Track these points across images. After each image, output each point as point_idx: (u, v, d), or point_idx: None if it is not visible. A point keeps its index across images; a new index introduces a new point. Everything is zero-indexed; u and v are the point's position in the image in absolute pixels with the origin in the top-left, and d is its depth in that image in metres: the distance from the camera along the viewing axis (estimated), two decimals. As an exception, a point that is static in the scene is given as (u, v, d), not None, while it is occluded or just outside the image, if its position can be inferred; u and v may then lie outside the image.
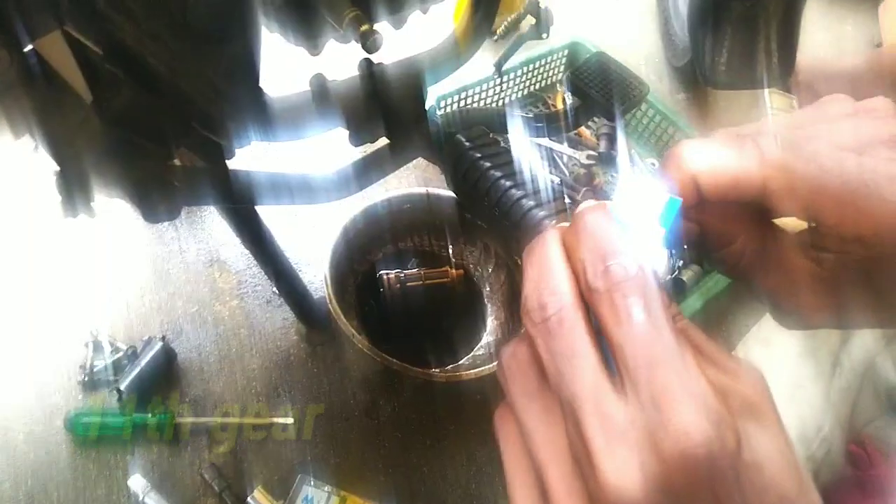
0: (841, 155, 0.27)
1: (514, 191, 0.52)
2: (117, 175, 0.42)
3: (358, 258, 0.93)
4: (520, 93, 1.20)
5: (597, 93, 0.64)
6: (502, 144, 0.63)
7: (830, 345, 0.68)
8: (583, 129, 1.18)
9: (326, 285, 0.81)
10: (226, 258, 0.94)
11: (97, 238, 0.92)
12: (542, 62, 1.20)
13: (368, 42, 0.50)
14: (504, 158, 0.56)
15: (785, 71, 1.02)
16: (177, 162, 0.47)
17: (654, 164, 1.19)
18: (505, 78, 1.15)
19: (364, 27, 0.49)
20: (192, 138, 0.48)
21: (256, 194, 0.54)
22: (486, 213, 0.56)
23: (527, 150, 1.00)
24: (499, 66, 0.97)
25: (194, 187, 0.48)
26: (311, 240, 0.98)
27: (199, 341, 0.86)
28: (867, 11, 1.61)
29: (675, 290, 1.00)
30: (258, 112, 0.49)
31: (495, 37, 1.21)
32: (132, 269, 0.91)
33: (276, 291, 0.91)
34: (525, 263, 0.27)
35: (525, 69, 1.17)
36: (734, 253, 0.31)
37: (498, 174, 0.53)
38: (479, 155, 0.55)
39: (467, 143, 0.55)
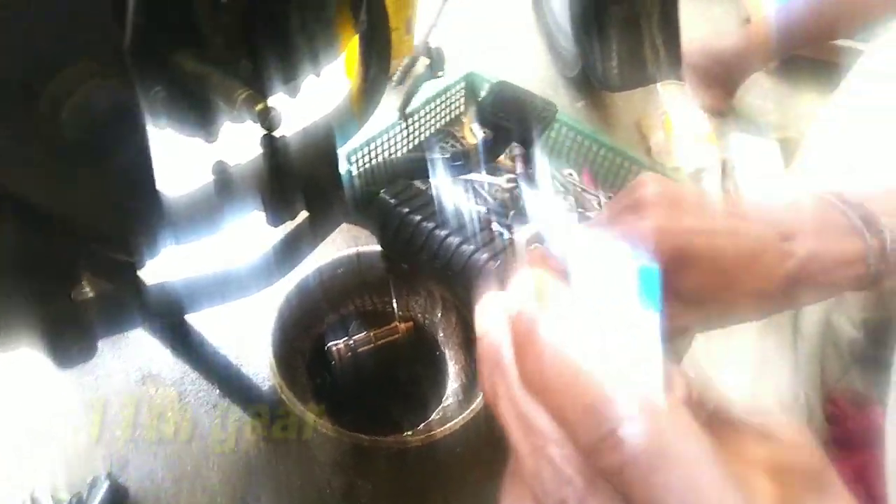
0: None
1: (450, 239, 0.50)
2: (17, 327, 0.37)
3: (301, 336, 0.88)
4: (427, 132, 1.19)
5: (508, 122, 0.63)
6: (428, 192, 0.61)
7: (786, 315, 0.69)
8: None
9: (274, 373, 0.76)
10: (159, 371, 0.87)
11: (10, 381, 0.83)
12: (443, 98, 1.20)
13: (267, 120, 0.47)
14: (432, 207, 0.54)
15: (673, 63, 1.05)
16: (86, 290, 0.42)
17: (571, 174, 1.20)
18: (410, 121, 1.14)
19: (259, 106, 0.46)
20: (95, 263, 0.43)
21: (178, 306, 0.49)
22: (426, 266, 0.53)
23: (452, 192, 0.99)
24: (403, 110, 0.95)
25: (108, 317, 0.44)
26: (248, 328, 0.92)
27: (149, 468, 0.78)
28: (729, -8, 1.72)
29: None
30: (161, 219, 0.45)
31: (393, 83, 1.20)
32: (58, 406, 0.83)
33: (222, 393, 0.85)
34: (486, 396, 0.23)
35: (428, 108, 1.17)
36: None
37: (430, 225, 0.51)
38: (406, 210, 0.52)
39: (392, 201, 0.53)
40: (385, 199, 0.53)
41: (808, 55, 1.47)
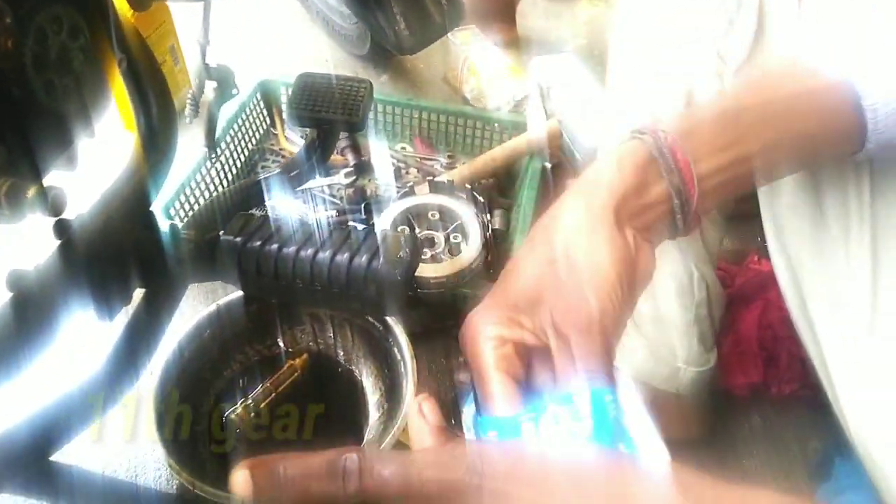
0: None
1: (320, 256, 0.44)
2: None
3: (194, 418, 0.78)
4: (242, 156, 1.10)
5: (328, 113, 0.58)
6: (269, 217, 0.55)
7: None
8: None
9: (177, 472, 0.66)
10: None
11: None
12: (244, 117, 1.11)
13: (49, 204, 0.39)
14: (284, 231, 0.48)
15: (457, 9, 1.04)
16: None
17: (404, 148, 1.17)
18: (219, 151, 1.04)
19: (30, 192, 0.38)
20: None
21: (28, 457, 0.40)
22: (305, 294, 0.47)
23: (295, 206, 0.91)
24: (209, 142, 0.86)
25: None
26: (129, 434, 0.80)
27: None
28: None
29: (494, 240, 0.99)
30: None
31: (187, 119, 1.09)
32: None
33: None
34: None
35: (233, 132, 1.08)
36: None
37: (292, 250, 0.45)
38: (258, 243, 0.46)
39: (238, 239, 0.46)
40: (229, 240, 0.46)
41: None
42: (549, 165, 1.12)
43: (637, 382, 0.74)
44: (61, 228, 0.49)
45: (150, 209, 0.53)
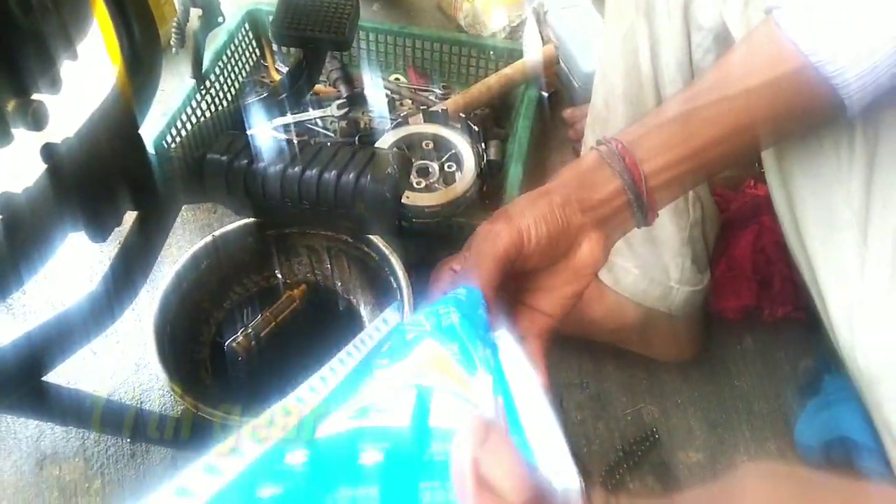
0: None
1: (326, 175, 0.44)
2: None
3: (195, 347, 0.80)
4: (232, 89, 1.08)
5: (313, 32, 0.56)
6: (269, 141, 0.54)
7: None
8: (317, 86, 1.10)
9: (180, 396, 0.68)
10: (53, 448, 0.76)
11: None
12: (232, 48, 1.08)
13: (30, 118, 0.38)
14: (273, 150, 0.47)
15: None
16: None
17: (398, 79, 1.15)
18: (209, 83, 1.02)
19: (11, 104, 0.37)
20: None
21: (28, 371, 0.40)
22: (310, 216, 0.47)
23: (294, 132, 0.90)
24: (197, 73, 0.84)
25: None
26: (132, 361, 0.82)
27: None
28: None
29: (489, 171, 0.98)
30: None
31: (174, 50, 1.06)
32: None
33: (133, 441, 0.76)
34: None
35: (221, 63, 1.05)
36: None
37: (297, 171, 0.45)
38: (245, 162, 0.45)
39: (224, 158, 0.46)
40: (216, 158, 0.46)
41: None
42: (545, 95, 1.10)
43: (631, 303, 0.75)
44: (49, 152, 0.49)
45: (138, 132, 0.52)
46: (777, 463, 0.40)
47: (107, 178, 0.48)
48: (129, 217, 0.53)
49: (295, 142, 0.47)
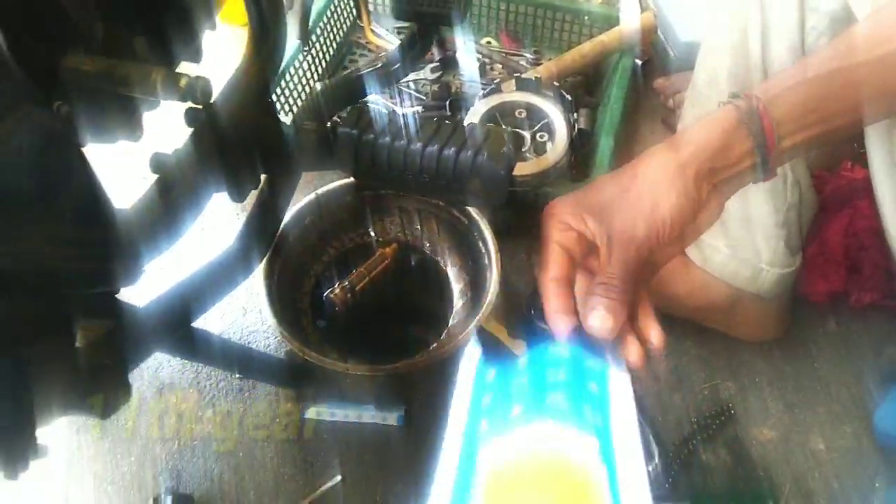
0: None
1: (428, 149, 0.47)
2: (52, 397, 0.35)
3: (297, 295, 0.86)
4: (331, 49, 1.12)
5: (430, 7, 0.59)
6: (374, 110, 0.58)
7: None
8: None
9: (287, 338, 0.74)
10: (171, 379, 0.85)
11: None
12: (332, 8, 1.12)
13: (197, 93, 0.43)
14: (394, 125, 0.51)
15: None
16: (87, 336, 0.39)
17: (489, 43, 1.16)
18: (310, 43, 1.06)
19: (182, 81, 0.42)
20: (83, 307, 0.40)
21: (183, 318, 0.46)
22: (412, 184, 0.51)
23: (396, 101, 0.94)
24: (303, 34, 0.89)
25: (121, 352, 0.41)
26: (241, 305, 0.90)
27: (203, 470, 0.78)
28: None
29: (580, 141, 0.99)
30: (130, 238, 0.42)
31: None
32: (85, 449, 0.80)
33: (242, 377, 0.83)
34: None
35: (321, 24, 1.09)
36: None
37: (403, 143, 0.48)
38: (371, 136, 0.49)
39: (354, 132, 0.50)
40: (346, 132, 0.50)
41: None
42: (639, 63, 1.09)
43: (718, 282, 0.76)
44: (192, 116, 0.54)
45: (269, 99, 0.57)
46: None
47: (244, 143, 0.52)
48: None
49: (417, 116, 0.50)
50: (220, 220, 0.90)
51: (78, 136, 0.42)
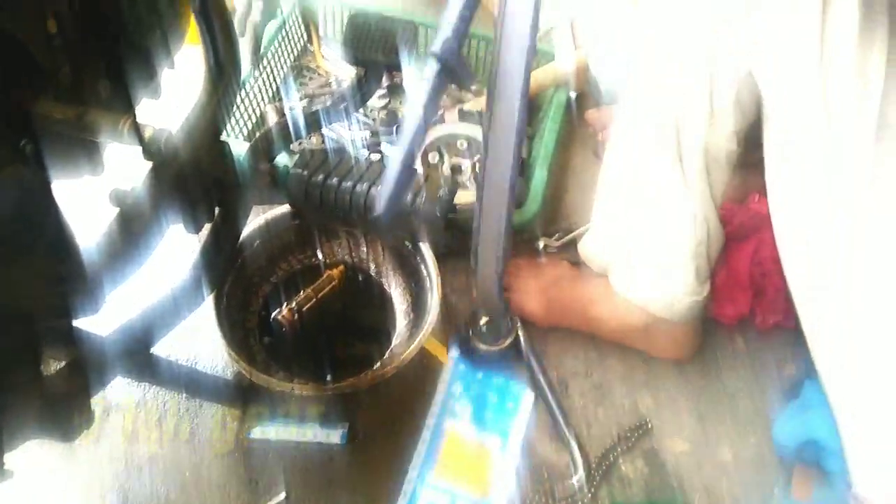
0: None
1: (358, 188, 0.52)
2: (17, 424, 0.37)
3: (245, 317, 0.89)
4: (282, 72, 1.15)
5: (377, 54, 0.64)
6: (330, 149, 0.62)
7: (669, 146, 0.77)
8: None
9: (234, 359, 0.77)
10: (117, 400, 0.86)
11: None
12: (283, 33, 1.15)
13: (161, 143, 0.46)
14: (331, 162, 0.56)
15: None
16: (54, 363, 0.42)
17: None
18: (262, 66, 1.09)
19: (148, 132, 0.45)
20: (49, 336, 0.42)
21: (143, 345, 0.49)
22: (344, 220, 0.56)
23: (340, 136, 0.98)
24: (255, 59, 0.92)
25: (86, 378, 0.44)
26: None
27: (148, 491, 0.80)
28: None
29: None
30: (94, 272, 0.45)
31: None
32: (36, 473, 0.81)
33: (188, 397, 0.86)
34: None
35: (274, 48, 1.12)
36: None
37: (334, 182, 0.53)
38: (321, 177, 0.54)
39: (305, 173, 0.54)
40: (298, 173, 0.54)
41: None
42: (573, 96, 1.17)
43: (638, 308, 0.84)
44: (150, 151, 0.57)
45: (223, 139, 0.61)
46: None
47: (201, 178, 0.56)
48: (212, 210, 0.62)
49: (362, 158, 0.55)
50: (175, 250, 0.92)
51: (46, 174, 0.45)
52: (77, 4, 0.49)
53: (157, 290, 0.55)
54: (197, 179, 0.56)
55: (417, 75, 1.18)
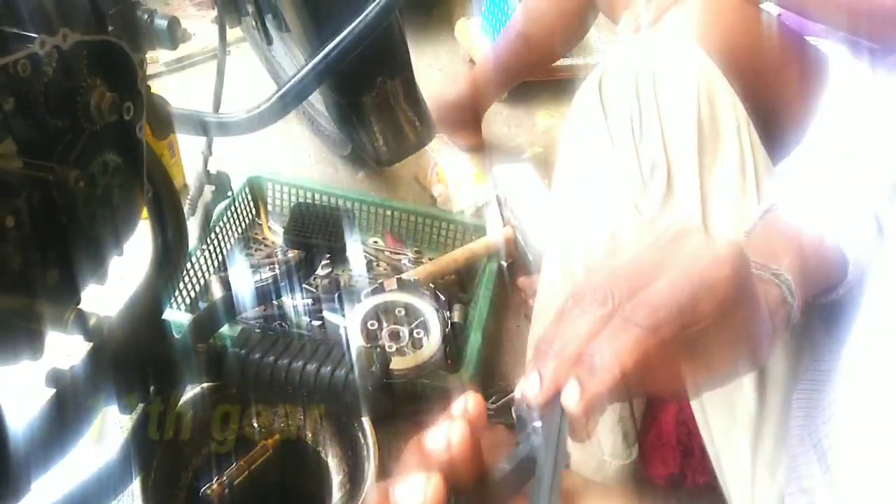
0: None
1: (308, 367, 0.56)
2: None
3: (168, 489, 0.86)
4: (228, 244, 1.21)
5: (317, 239, 0.70)
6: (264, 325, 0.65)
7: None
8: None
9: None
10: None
11: None
12: (233, 209, 1.23)
13: (103, 331, 0.49)
14: (280, 344, 0.59)
15: (427, 127, 1.20)
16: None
17: (376, 242, 1.30)
18: (208, 240, 1.15)
19: (92, 320, 0.48)
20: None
21: None
22: (291, 397, 0.58)
23: (285, 310, 1.02)
24: (203, 236, 0.98)
25: None
26: None
27: None
28: (448, 38, 1.95)
29: (453, 334, 1.11)
30: (18, 461, 0.45)
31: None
32: None
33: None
34: None
35: (223, 221, 1.19)
36: None
37: (285, 362, 0.56)
38: (258, 355, 0.57)
39: (243, 352, 0.57)
40: (236, 352, 0.57)
41: (535, 79, 1.67)
42: (504, 264, 1.26)
43: (569, 471, 0.86)
44: (91, 334, 0.60)
45: (164, 319, 0.64)
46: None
47: (138, 360, 0.58)
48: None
49: (298, 336, 0.59)
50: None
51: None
52: (35, 202, 0.54)
53: (82, 472, 0.54)
54: (134, 361, 0.58)
55: (357, 239, 1.27)
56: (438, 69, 1.89)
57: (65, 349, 0.59)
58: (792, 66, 0.95)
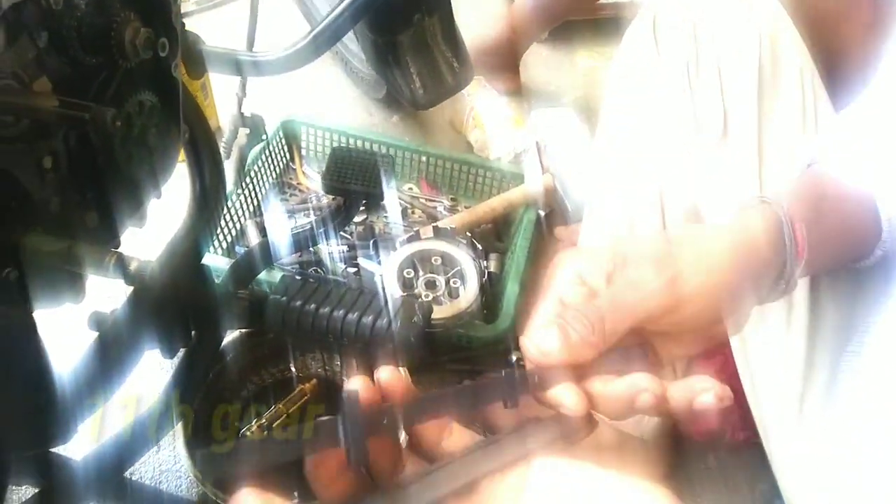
0: None
1: (349, 316, 0.55)
2: None
3: (209, 434, 0.88)
4: (264, 188, 1.20)
5: (355, 185, 0.68)
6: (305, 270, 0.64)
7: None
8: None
9: (199, 482, 0.76)
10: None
11: None
12: (268, 153, 1.21)
13: (145, 276, 0.49)
14: (321, 292, 0.58)
15: (466, 69, 1.15)
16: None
17: (411, 189, 1.27)
18: (245, 183, 1.14)
19: (133, 265, 0.47)
20: (13, 470, 0.42)
21: (115, 471, 0.49)
22: (333, 346, 0.57)
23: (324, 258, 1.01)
24: (239, 178, 0.97)
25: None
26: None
27: None
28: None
29: (490, 284, 1.09)
30: (68, 401, 0.45)
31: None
32: None
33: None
34: None
35: (257, 166, 1.18)
36: None
37: (327, 310, 0.55)
38: (299, 303, 0.56)
39: (284, 299, 0.56)
40: (277, 300, 0.56)
41: (577, 17, 1.60)
42: (542, 214, 1.23)
43: (607, 426, 0.85)
44: (132, 277, 0.59)
45: (204, 263, 0.63)
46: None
47: (179, 305, 0.58)
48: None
49: (340, 283, 0.58)
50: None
51: (28, 304, 0.46)
52: (72, 141, 0.53)
53: (128, 414, 0.55)
54: (176, 304, 0.58)
55: (392, 185, 1.24)
56: (476, 6, 1.81)
57: (106, 293, 0.58)
58: (861, 10, 0.89)
